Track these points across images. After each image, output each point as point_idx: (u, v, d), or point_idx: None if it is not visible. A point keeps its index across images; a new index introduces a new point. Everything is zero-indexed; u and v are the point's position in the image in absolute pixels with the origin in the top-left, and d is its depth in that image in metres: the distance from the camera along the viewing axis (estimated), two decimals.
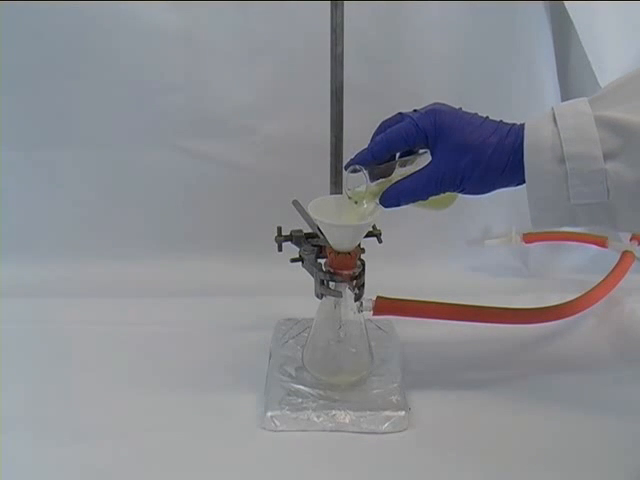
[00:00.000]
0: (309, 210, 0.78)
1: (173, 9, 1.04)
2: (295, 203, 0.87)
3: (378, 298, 0.86)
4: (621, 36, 1.06)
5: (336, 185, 0.87)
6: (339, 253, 0.79)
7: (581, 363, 0.91)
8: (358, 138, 0.78)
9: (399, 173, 0.76)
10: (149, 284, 1.08)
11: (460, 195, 0.77)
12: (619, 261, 1.06)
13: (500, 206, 1.12)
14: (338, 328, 0.82)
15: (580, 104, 0.72)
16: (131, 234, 1.14)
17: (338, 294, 0.80)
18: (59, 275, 1.09)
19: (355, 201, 0.76)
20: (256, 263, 1.08)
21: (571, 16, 1.04)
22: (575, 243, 1.14)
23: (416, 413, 0.80)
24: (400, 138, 0.74)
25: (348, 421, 0.79)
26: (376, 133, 0.78)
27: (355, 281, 0.80)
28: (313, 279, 0.82)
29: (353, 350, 0.83)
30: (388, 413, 0.79)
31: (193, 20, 1.05)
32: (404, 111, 0.77)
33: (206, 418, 0.81)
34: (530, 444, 0.77)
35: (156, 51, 1.06)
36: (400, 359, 0.88)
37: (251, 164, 1.11)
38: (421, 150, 0.76)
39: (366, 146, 0.76)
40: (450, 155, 0.73)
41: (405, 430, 0.79)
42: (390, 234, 0.87)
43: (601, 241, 1.11)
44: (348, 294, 0.81)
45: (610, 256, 1.08)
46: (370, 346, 0.84)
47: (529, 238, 1.13)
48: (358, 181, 0.75)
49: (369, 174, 0.75)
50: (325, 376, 0.83)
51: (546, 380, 0.88)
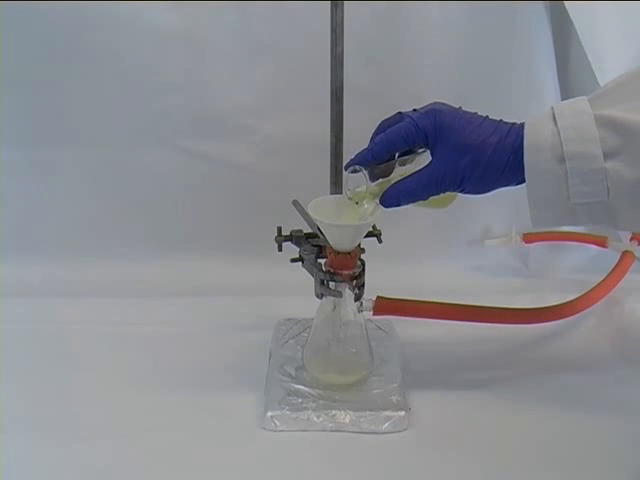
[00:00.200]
0: (309, 210, 0.78)
1: (173, 9, 1.04)
2: (295, 203, 0.87)
3: (378, 298, 0.86)
4: (621, 36, 1.06)
5: (336, 185, 0.87)
6: (339, 253, 0.79)
7: (581, 363, 0.91)
8: (358, 138, 0.78)
9: (399, 172, 0.76)
10: (149, 284, 1.08)
11: (460, 195, 0.77)
12: (619, 261, 1.06)
13: (500, 206, 1.12)
14: (338, 328, 0.82)
15: (580, 103, 0.72)
16: (131, 234, 1.13)
17: (338, 294, 0.80)
18: (59, 275, 1.09)
19: (355, 201, 0.76)
20: (256, 263, 1.08)
21: (571, 16, 1.04)
22: (575, 243, 1.14)
23: (416, 413, 0.80)
24: (400, 138, 0.74)
25: (348, 421, 0.79)
26: (376, 133, 0.78)
27: (355, 281, 0.80)
28: (313, 279, 0.82)
29: (353, 350, 0.83)
30: (388, 413, 0.79)
31: (193, 20, 1.05)
32: (404, 111, 0.77)
33: (206, 418, 0.81)
34: (530, 444, 0.77)
35: (156, 51, 1.06)
36: (400, 359, 0.88)
37: (251, 164, 1.11)
38: (420, 149, 0.76)
39: (366, 146, 0.76)
40: (450, 155, 0.73)
41: (405, 430, 0.78)
42: (390, 234, 0.87)
43: (601, 241, 1.11)
44: (348, 294, 0.81)
45: (610, 256, 1.08)
46: (370, 346, 0.84)
47: (529, 238, 1.13)
48: (358, 181, 0.75)
49: (369, 174, 0.75)
50: (325, 376, 0.83)
51: (546, 380, 0.87)
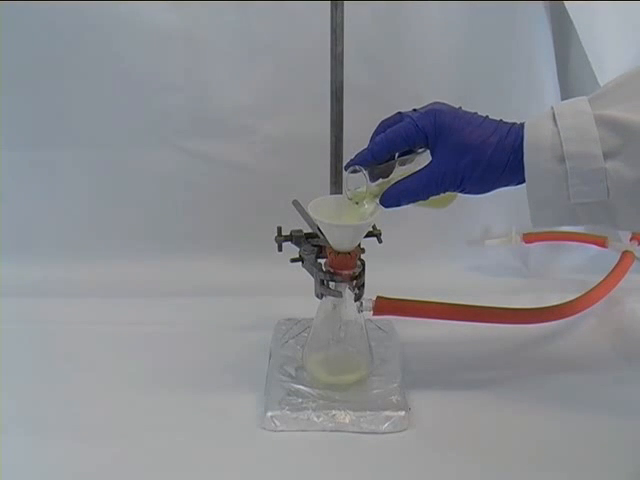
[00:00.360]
0: (309, 210, 0.78)
1: (173, 9, 1.04)
2: (295, 203, 0.87)
3: (378, 298, 0.86)
4: (621, 36, 1.06)
5: (336, 185, 0.87)
6: (339, 253, 0.79)
7: (581, 363, 0.91)
8: (358, 138, 0.78)
9: (399, 172, 0.76)
10: (149, 284, 1.08)
11: (460, 195, 0.77)
12: (619, 261, 1.06)
13: (500, 206, 1.12)
14: (338, 328, 0.82)
15: (580, 103, 0.72)
16: (131, 234, 1.13)
17: (338, 294, 0.80)
18: (59, 275, 1.08)
19: (355, 202, 0.76)
20: (256, 263, 1.08)
21: (571, 16, 1.04)
22: (575, 243, 1.14)
23: (416, 413, 0.80)
24: (400, 138, 0.74)
25: (348, 421, 0.78)
26: (376, 133, 0.77)
27: (355, 281, 0.80)
28: (313, 279, 0.82)
29: (353, 350, 0.83)
30: (388, 413, 0.79)
31: (193, 20, 1.05)
32: (404, 111, 0.77)
33: (206, 418, 0.81)
34: (530, 444, 0.77)
35: (156, 51, 1.06)
36: (400, 359, 0.88)
37: (251, 164, 1.11)
38: (420, 149, 0.76)
39: (366, 146, 0.76)
40: (450, 155, 0.73)
41: (405, 430, 0.78)
42: (390, 234, 0.87)
43: (601, 241, 1.11)
44: (348, 294, 0.81)
45: (610, 256, 1.08)
46: (370, 346, 0.84)
47: (529, 238, 1.13)
48: (358, 181, 0.75)
49: (369, 174, 0.75)
50: (325, 376, 0.83)
51: (546, 380, 0.87)
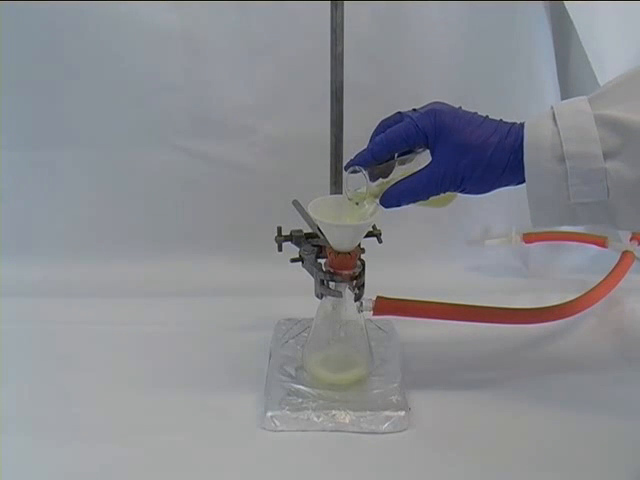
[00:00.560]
0: (309, 210, 0.78)
1: (173, 9, 1.04)
2: (295, 203, 0.87)
3: (378, 298, 0.86)
4: (621, 36, 1.06)
5: (336, 185, 0.87)
6: (339, 253, 0.79)
7: (581, 363, 0.91)
8: (358, 138, 0.78)
9: (399, 172, 0.76)
10: (149, 284, 1.08)
11: (460, 195, 0.77)
12: (619, 261, 1.06)
13: (500, 206, 1.12)
14: (338, 328, 0.82)
15: (580, 103, 0.72)
16: (131, 234, 1.13)
17: (338, 294, 0.80)
18: (59, 275, 1.08)
19: (356, 202, 0.76)
20: (256, 263, 1.08)
21: (571, 16, 1.04)
22: (575, 243, 1.14)
23: (416, 413, 0.80)
24: (400, 138, 0.74)
25: (348, 421, 0.78)
26: (375, 133, 0.78)
27: (355, 281, 0.80)
28: (313, 279, 0.82)
29: (353, 350, 0.83)
30: (388, 413, 0.79)
31: (193, 20, 1.05)
32: (404, 111, 0.77)
33: (206, 418, 0.80)
34: (530, 444, 0.77)
35: (156, 51, 1.06)
36: (400, 359, 0.88)
37: (251, 164, 1.11)
38: (420, 149, 0.76)
39: (366, 146, 0.76)
40: (450, 155, 0.73)
41: (405, 430, 0.78)
42: (390, 234, 0.87)
43: (601, 241, 1.11)
44: (348, 294, 0.81)
45: (610, 256, 1.08)
46: (370, 346, 0.84)
47: (529, 238, 1.13)
48: (358, 181, 0.75)
49: (369, 174, 0.75)
50: (325, 376, 0.83)
51: (546, 380, 0.87)
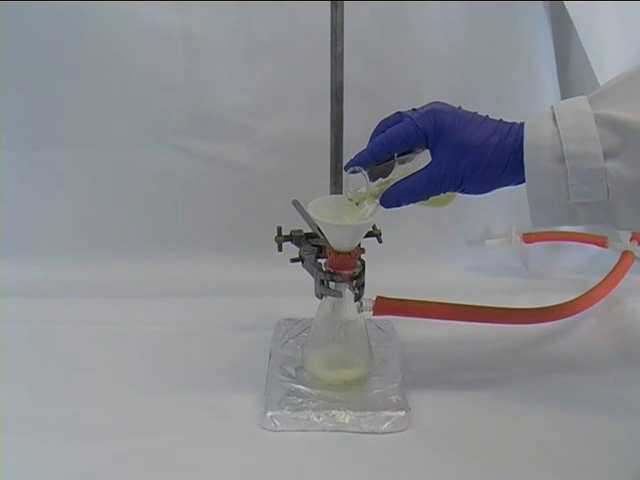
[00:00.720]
0: (309, 210, 0.78)
1: (173, 9, 1.04)
2: (295, 203, 0.87)
3: (378, 298, 0.86)
4: (621, 36, 1.06)
5: (336, 185, 0.87)
6: (339, 253, 0.79)
7: (581, 363, 0.91)
8: (358, 138, 0.78)
9: (399, 172, 0.76)
10: (149, 284, 1.08)
11: (460, 195, 0.77)
12: (619, 261, 1.06)
13: (500, 206, 1.12)
14: (338, 328, 0.82)
15: (580, 103, 0.72)
16: (131, 234, 1.13)
17: (338, 294, 0.80)
18: (59, 275, 1.08)
19: (356, 202, 0.76)
20: (256, 263, 1.08)
21: (571, 16, 1.04)
22: (575, 243, 1.14)
23: (416, 413, 0.80)
24: (400, 139, 0.74)
25: (348, 421, 0.78)
26: (375, 133, 0.77)
27: (355, 281, 0.80)
28: (313, 279, 0.82)
29: (353, 350, 0.83)
30: (388, 413, 0.79)
31: (193, 20, 1.05)
32: (404, 111, 0.77)
33: (206, 418, 0.80)
34: (530, 444, 0.77)
35: (156, 51, 1.06)
36: (400, 359, 0.88)
37: (251, 164, 1.11)
38: (420, 149, 0.76)
39: (366, 146, 0.76)
40: (450, 155, 0.73)
41: (405, 430, 0.78)
42: (390, 234, 0.87)
43: (601, 241, 1.11)
44: (348, 294, 0.81)
45: (610, 256, 1.08)
46: (370, 346, 0.84)
47: (529, 238, 1.13)
48: (358, 181, 0.75)
49: (368, 174, 0.75)
50: (325, 376, 0.83)
51: (546, 380, 0.87)
